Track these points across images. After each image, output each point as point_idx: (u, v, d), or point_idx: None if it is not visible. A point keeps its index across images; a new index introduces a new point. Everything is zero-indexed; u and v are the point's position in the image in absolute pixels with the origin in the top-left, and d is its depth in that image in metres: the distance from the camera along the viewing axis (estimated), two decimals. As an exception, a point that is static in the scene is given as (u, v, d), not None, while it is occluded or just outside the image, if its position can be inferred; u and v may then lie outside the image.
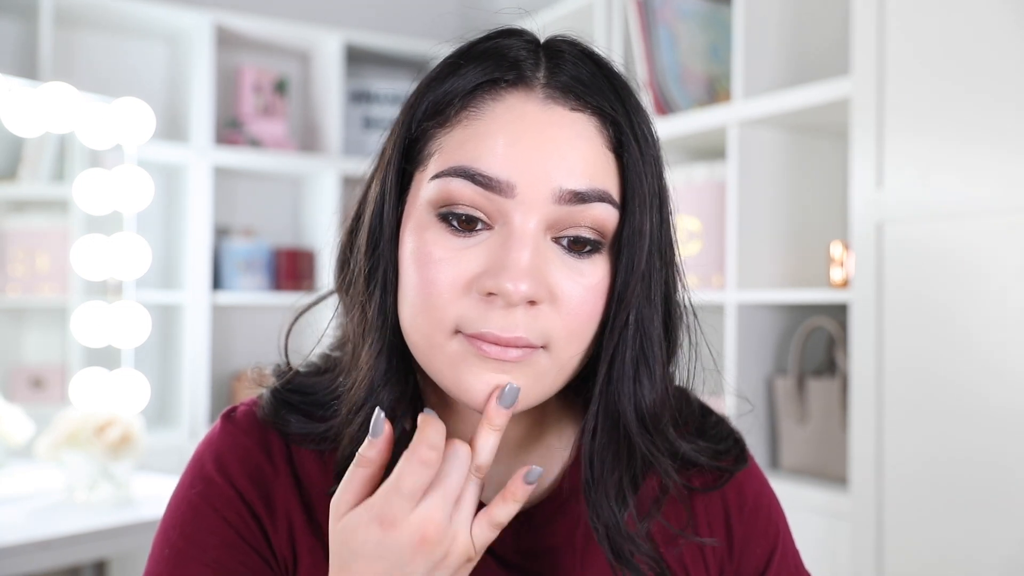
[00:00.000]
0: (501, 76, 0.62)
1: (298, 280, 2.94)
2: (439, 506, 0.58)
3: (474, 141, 0.61)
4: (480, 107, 0.62)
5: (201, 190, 2.69)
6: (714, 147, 2.17)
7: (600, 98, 0.62)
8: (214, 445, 0.73)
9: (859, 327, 1.62)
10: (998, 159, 1.44)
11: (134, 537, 1.77)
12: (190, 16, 2.67)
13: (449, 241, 0.61)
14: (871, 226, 1.61)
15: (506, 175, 0.59)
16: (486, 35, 0.65)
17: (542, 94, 0.61)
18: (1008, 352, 1.42)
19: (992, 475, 1.44)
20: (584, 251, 0.61)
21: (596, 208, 0.60)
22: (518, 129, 0.60)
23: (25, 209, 2.47)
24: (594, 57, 0.64)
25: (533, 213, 0.59)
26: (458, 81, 0.62)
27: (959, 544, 1.48)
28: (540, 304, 0.60)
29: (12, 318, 2.48)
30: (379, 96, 3.12)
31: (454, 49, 0.65)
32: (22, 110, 2.16)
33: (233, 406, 0.76)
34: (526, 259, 0.58)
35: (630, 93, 0.64)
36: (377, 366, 0.65)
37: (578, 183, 0.60)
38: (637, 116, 0.63)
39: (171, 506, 0.72)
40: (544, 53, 0.63)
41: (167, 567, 0.68)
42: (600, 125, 0.62)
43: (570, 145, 0.60)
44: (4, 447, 2.04)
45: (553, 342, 0.61)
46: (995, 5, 1.45)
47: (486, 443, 0.60)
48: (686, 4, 2.20)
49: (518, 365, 0.60)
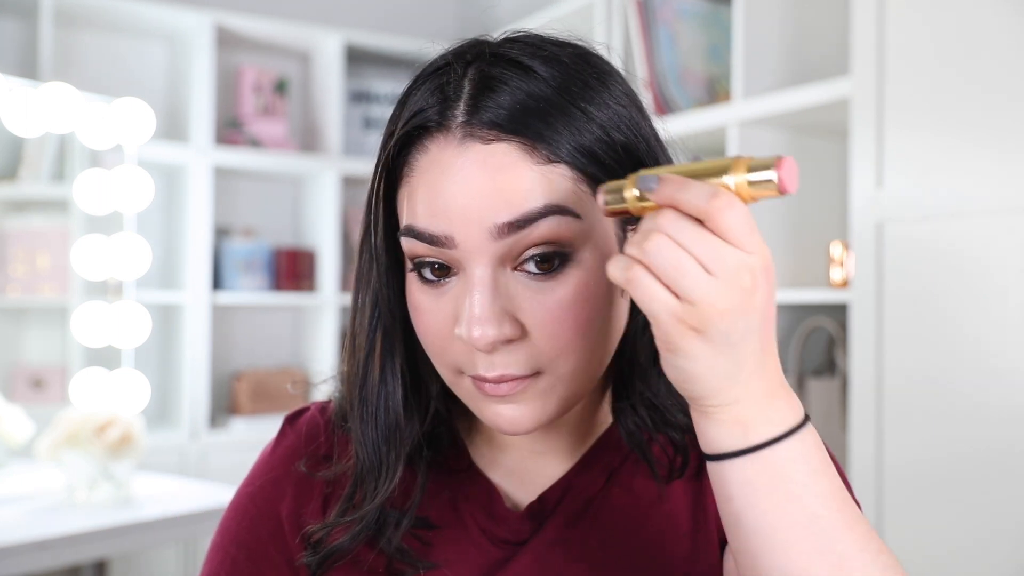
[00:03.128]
0: (423, 123, 0.60)
1: (298, 280, 2.94)
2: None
3: (411, 199, 0.61)
4: (411, 162, 0.61)
5: (201, 190, 2.69)
6: (714, 147, 2.17)
7: (519, 118, 0.58)
8: (276, 449, 0.76)
9: (859, 327, 1.62)
10: (998, 159, 1.44)
11: (134, 537, 1.77)
12: (190, 16, 2.67)
13: (426, 292, 0.61)
14: (871, 226, 1.61)
15: (440, 229, 0.59)
16: (421, 71, 0.63)
17: (460, 134, 0.59)
18: (1008, 352, 1.42)
19: (992, 475, 1.44)
20: (555, 266, 0.59)
21: (541, 226, 0.58)
22: (440, 180, 0.59)
23: (25, 209, 2.47)
24: (520, 63, 0.60)
25: (479, 257, 0.58)
26: (391, 138, 0.62)
27: (959, 543, 1.48)
28: (516, 340, 0.59)
29: (12, 318, 2.48)
30: (379, 96, 3.12)
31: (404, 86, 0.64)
32: (22, 110, 2.17)
33: (296, 410, 0.78)
34: (481, 307, 0.58)
35: (569, 85, 0.60)
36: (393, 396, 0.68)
37: (510, 214, 0.57)
38: (572, 109, 0.59)
39: (227, 511, 0.76)
40: (469, 82, 0.60)
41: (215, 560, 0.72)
42: (523, 145, 0.58)
43: (491, 179, 0.57)
44: (4, 447, 2.04)
45: (544, 365, 0.60)
46: (994, 6, 1.45)
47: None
48: (686, 4, 2.20)
49: (519, 394, 0.61)
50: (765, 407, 0.51)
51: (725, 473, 0.52)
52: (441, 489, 0.71)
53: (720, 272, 0.47)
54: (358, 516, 0.67)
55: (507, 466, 0.72)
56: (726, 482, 0.52)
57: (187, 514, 1.84)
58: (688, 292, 0.48)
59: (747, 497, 0.52)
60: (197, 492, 2.01)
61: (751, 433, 0.51)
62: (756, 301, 0.49)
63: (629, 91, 0.65)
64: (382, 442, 0.67)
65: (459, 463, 0.72)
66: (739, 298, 0.48)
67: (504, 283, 0.59)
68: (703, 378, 0.50)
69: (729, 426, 0.51)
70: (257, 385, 2.85)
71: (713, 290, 0.47)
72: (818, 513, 0.52)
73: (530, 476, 0.71)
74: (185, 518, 1.83)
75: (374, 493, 0.67)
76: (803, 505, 0.51)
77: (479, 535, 0.69)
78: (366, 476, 0.68)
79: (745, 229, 0.48)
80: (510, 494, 0.71)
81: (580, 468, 0.71)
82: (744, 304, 0.48)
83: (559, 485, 0.70)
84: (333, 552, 0.68)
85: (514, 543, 0.69)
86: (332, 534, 0.68)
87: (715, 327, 0.48)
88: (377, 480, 0.67)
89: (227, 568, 0.71)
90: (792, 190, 0.48)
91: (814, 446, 0.53)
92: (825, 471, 0.53)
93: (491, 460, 0.72)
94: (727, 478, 0.52)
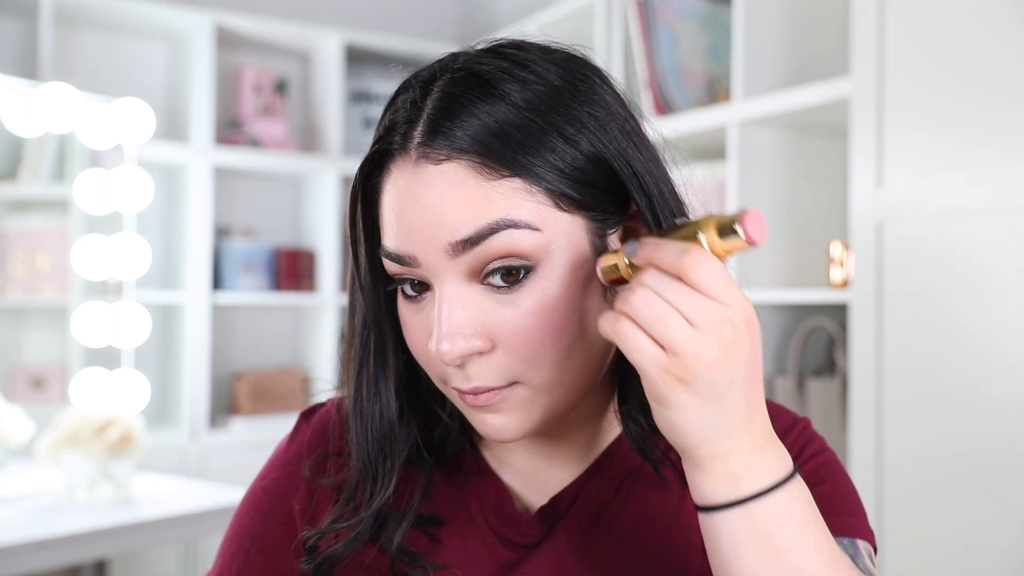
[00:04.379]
0: (387, 147, 0.62)
1: (298, 280, 2.94)
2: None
3: (383, 220, 0.62)
4: (380, 184, 0.63)
5: (201, 190, 2.69)
6: (714, 147, 2.17)
7: (470, 136, 0.58)
8: (290, 446, 0.76)
9: (859, 327, 1.62)
10: (998, 159, 1.44)
11: (134, 537, 1.77)
12: (190, 16, 2.67)
13: (408, 307, 0.64)
14: (871, 226, 1.61)
15: (404, 249, 0.60)
16: (401, 85, 0.65)
17: (415, 155, 0.60)
18: (1008, 351, 1.42)
19: (992, 474, 1.44)
20: (520, 278, 0.59)
21: (495, 241, 0.58)
22: (399, 201, 0.60)
23: (25, 209, 2.47)
24: (484, 79, 0.60)
25: (443, 274, 0.60)
26: (366, 158, 0.64)
27: (959, 543, 1.48)
28: (485, 353, 0.60)
29: (12, 318, 2.48)
30: (379, 96, 3.12)
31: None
32: (22, 110, 2.17)
33: (312, 406, 0.78)
34: (447, 323, 0.59)
35: (537, 100, 0.60)
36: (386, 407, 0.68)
37: (463, 231, 0.58)
38: (534, 123, 0.59)
39: (242, 500, 0.76)
40: (431, 100, 0.61)
41: (228, 550, 0.73)
42: (472, 163, 0.58)
43: (442, 200, 0.58)
44: (4, 447, 2.04)
45: (518, 376, 0.61)
46: (995, 6, 1.45)
47: None
48: (686, 4, 2.20)
49: (499, 404, 0.62)
50: (753, 460, 0.53)
51: (714, 524, 0.54)
52: (452, 489, 0.71)
53: (702, 325, 0.50)
54: (354, 522, 0.67)
55: (517, 467, 0.72)
56: (714, 532, 0.54)
57: (187, 514, 1.84)
58: (673, 343, 0.50)
59: (733, 548, 0.53)
60: (197, 492, 2.01)
61: (740, 486, 0.53)
62: (739, 353, 0.51)
63: (614, 105, 0.63)
64: (376, 451, 0.68)
65: (471, 464, 0.72)
66: (723, 349, 0.50)
67: (472, 297, 0.60)
68: (692, 430, 0.52)
69: (718, 478, 0.53)
70: (257, 385, 2.85)
71: (697, 341, 0.50)
72: (803, 567, 0.53)
73: (540, 479, 0.71)
74: (185, 518, 1.83)
75: (370, 501, 0.67)
76: (788, 559, 0.53)
77: (489, 535, 0.69)
78: (362, 483, 0.68)
79: (720, 283, 0.50)
80: (521, 496, 0.71)
81: (591, 473, 0.71)
82: (728, 356, 0.51)
83: (570, 489, 0.70)
84: (328, 559, 0.68)
85: (524, 545, 0.69)
86: (326, 540, 0.69)
87: (701, 378, 0.50)
88: (373, 487, 0.68)
89: (240, 562, 0.72)
90: (760, 241, 0.50)
91: (802, 499, 0.55)
92: (812, 523, 0.54)
93: (501, 461, 0.72)
94: (715, 528, 0.54)
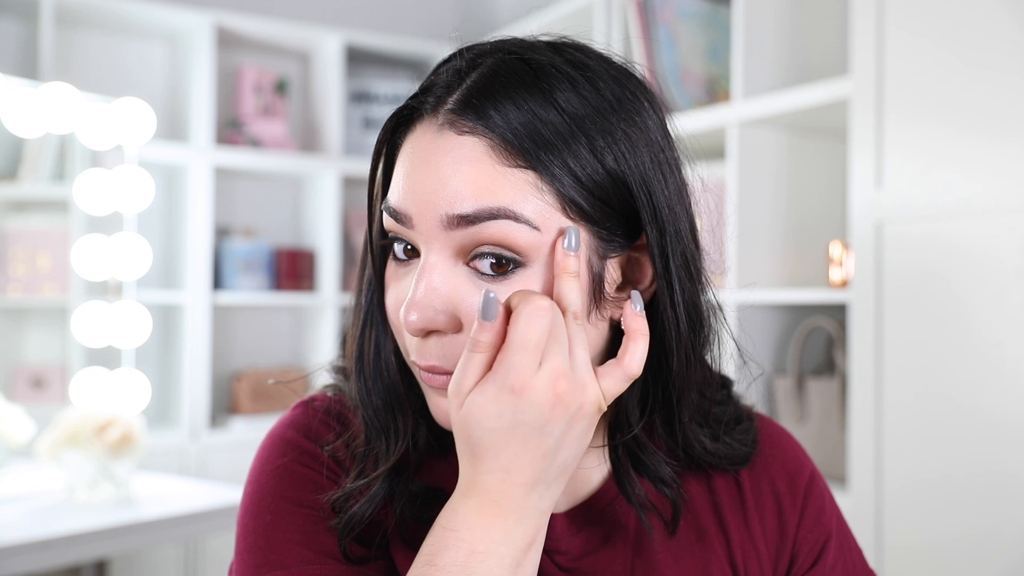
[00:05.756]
0: (419, 105, 0.62)
1: (298, 280, 2.95)
2: (561, 356, 0.56)
3: (396, 175, 0.63)
4: (400, 140, 0.64)
5: (201, 190, 2.69)
6: (714, 147, 2.17)
7: (500, 117, 0.58)
8: (294, 420, 0.72)
9: (858, 327, 1.62)
10: (997, 159, 1.44)
11: (134, 537, 1.77)
12: (190, 16, 2.67)
13: (394, 270, 0.64)
14: (870, 226, 1.61)
15: (404, 207, 0.60)
16: (447, 56, 0.65)
17: (441, 119, 0.60)
18: (1008, 352, 1.42)
19: (991, 475, 1.44)
20: (508, 270, 0.59)
21: (491, 227, 0.58)
22: (413, 160, 0.61)
23: (26, 209, 2.47)
24: (536, 69, 0.60)
25: (432, 242, 0.60)
26: (396, 110, 0.64)
27: (958, 543, 1.48)
28: (449, 333, 0.60)
29: (12, 318, 2.48)
30: (379, 96, 3.12)
31: None
32: (22, 110, 2.17)
33: (310, 396, 0.76)
34: (421, 291, 0.59)
35: (577, 107, 0.60)
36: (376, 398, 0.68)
37: (463, 207, 0.58)
38: (568, 127, 0.59)
39: (256, 483, 0.69)
40: (478, 73, 0.61)
41: (264, 534, 0.66)
42: (493, 144, 0.58)
43: (453, 170, 0.58)
44: (4, 447, 2.04)
45: None
46: (995, 6, 1.45)
47: (570, 290, 0.58)
48: (686, 4, 2.20)
49: None
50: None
51: None
52: (451, 471, 0.71)
53: None
54: (373, 478, 0.66)
55: None
56: None
57: (187, 514, 1.84)
58: None
59: None
60: (197, 492, 2.01)
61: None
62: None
63: (654, 132, 0.64)
64: (383, 407, 0.67)
65: None
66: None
67: (454, 275, 0.60)
68: None
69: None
70: (257, 385, 2.85)
71: None
72: None
73: None
74: (185, 518, 1.83)
75: (386, 456, 0.66)
76: None
77: None
78: (374, 442, 0.67)
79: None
80: None
81: (613, 482, 0.72)
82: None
83: (601, 495, 0.72)
84: (352, 519, 0.65)
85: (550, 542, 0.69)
86: (349, 502, 0.66)
87: None
88: (387, 442, 0.67)
89: (298, 521, 0.66)
90: None
91: None
92: None
93: None
94: None
